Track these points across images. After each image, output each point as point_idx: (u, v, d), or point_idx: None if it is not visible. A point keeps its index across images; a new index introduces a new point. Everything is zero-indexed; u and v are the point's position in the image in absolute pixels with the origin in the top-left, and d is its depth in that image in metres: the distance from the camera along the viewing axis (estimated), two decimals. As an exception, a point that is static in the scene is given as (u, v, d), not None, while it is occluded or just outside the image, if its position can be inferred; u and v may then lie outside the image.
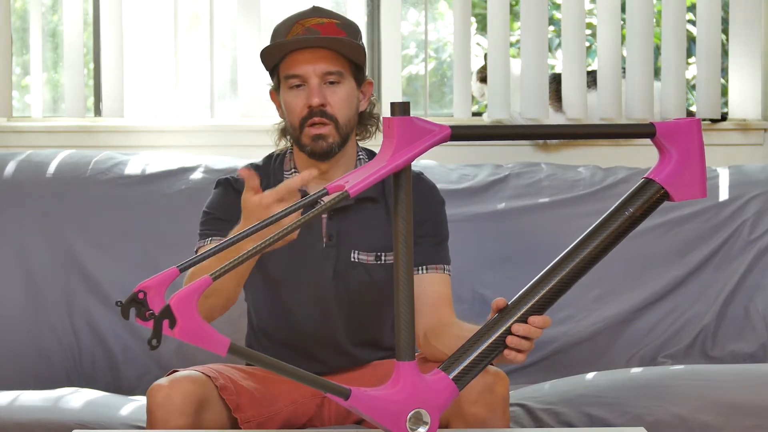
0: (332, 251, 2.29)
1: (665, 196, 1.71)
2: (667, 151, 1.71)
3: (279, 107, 2.33)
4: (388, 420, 1.59)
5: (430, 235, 2.30)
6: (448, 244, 2.35)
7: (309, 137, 2.25)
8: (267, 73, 2.34)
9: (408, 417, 1.59)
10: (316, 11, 2.29)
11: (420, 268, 2.28)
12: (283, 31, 2.26)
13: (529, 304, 1.70)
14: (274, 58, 2.27)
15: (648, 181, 1.71)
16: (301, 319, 2.31)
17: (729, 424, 2.37)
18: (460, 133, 1.65)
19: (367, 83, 2.34)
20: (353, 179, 1.58)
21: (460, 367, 1.65)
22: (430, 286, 2.27)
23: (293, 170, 2.33)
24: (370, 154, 2.37)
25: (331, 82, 2.25)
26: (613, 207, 1.72)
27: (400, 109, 1.59)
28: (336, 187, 1.57)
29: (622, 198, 1.71)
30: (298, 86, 2.25)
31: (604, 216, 1.72)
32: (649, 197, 1.70)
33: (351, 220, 2.30)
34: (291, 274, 2.29)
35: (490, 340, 1.68)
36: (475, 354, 1.66)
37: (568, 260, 1.70)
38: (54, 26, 3.78)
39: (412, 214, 2.27)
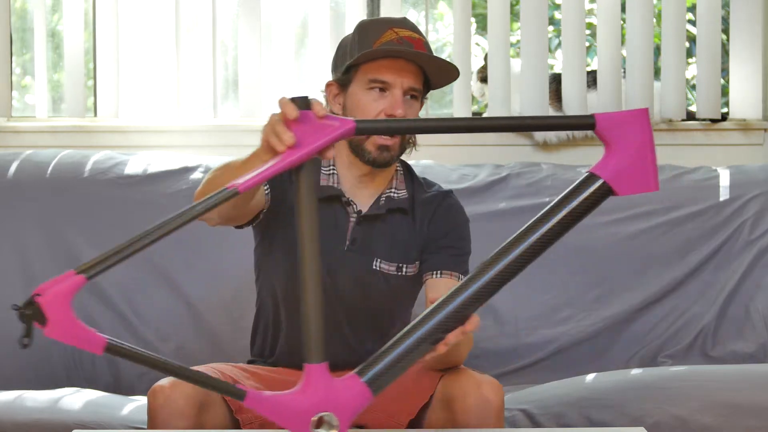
0: (353, 255, 2.29)
1: (609, 191, 1.64)
2: (610, 144, 1.65)
3: (336, 102, 2.30)
4: (290, 422, 1.56)
5: (450, 247, 2.30)
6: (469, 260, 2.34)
7: (375, 145, 2.24)
8: (262, 71, 2.32)
9: (314, 420, 1.56)
10: (407, 23, 2.29)
11: (435, 272, 2.28)
12: (375, 33, 2.24)
13: (456, 303, 1.63)
14: (364, 56, 2.24)
15: (590, 176, 1.65)
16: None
17: (729, 425, 2.37)
18: (366, 128, 1.62)
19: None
20: (247, 176, 1.55)
21: (374, 371, 1.59)
22: (443, 288, 2.24)
23: (332, 167, 2.32)
24: (406, 166, 2.38)
25: (411, 96, 2.25)
26: (554, 201, 1.65)
27: (300, 103, 1.57)
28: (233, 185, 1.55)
29: (564, 193, 1.66)
30: (380, 90, 2.24)
31: (543, 211, 1.65)
32: (591, 192, 1.64)
33: (378, 228, 2.30)
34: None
35: (407, 344, 1.61)
36: (391, 358, 1.60)
37: (503, 256, 1.64)
38: (54, 26, 3.78)
39: (435, 226, 2.29)
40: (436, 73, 2.28)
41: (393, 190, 2.32)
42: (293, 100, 1.58)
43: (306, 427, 1.56)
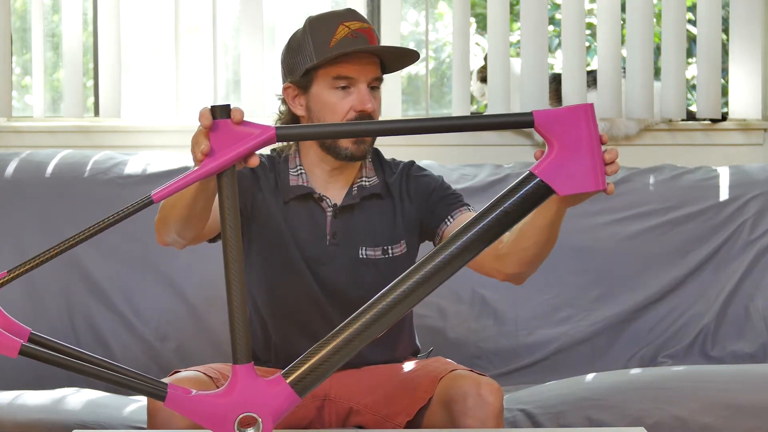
0: (337, 249, 2.29)
1: (548, 190, 1.61)
2: (549, 141, 1.60)
3: (297, 104, 2.31)
4: (213, 423, 1.56)
5: (442, 198, 2.32)
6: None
7: (352, 140, 2.24)
8: (264, 71, 2.32)
9: (237, 420, 1.56)
10: (354, 14, 2.28)
11: (446, 221, 2.28)
12: (327, 32, 2.23)
13: (383, 306, 1.60)
14: (326, 59, 2.23)
15: (529, 174, 1.61)
16: (306, 317, 2.30)
17: (730, 425, 2.37)
18: (286, 134, 1.61)
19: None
20: (164, 186, 1.57)
21: (298, 372, 1.58)
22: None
23: (299, 167, 2.32)
24: (375, 151, 2.38)
25: (373, 88, 2.26)
26: (491, 201, 1.62)
27: (220, 112, 1.57)
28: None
29: (502, 192, 1.63)
30: (344, 88, 2.24)
31: (480, 211, 1.62)
32: (527, 191, 1.61)
33: (356, 217, 2.30)
34: (295, 272, 2.28)
35: (334, 346, 1.58)
36: (317, 360, 1.58)
37: (436, 256, 1.59)
38: (54, 26, 3.78)
39: (416, 197, 2.29)
40: (395, 59, 2.29)
41: (363, 178, 2.32)
42: (214, 108, 1.57)
43: (230, 427, 1.56)
